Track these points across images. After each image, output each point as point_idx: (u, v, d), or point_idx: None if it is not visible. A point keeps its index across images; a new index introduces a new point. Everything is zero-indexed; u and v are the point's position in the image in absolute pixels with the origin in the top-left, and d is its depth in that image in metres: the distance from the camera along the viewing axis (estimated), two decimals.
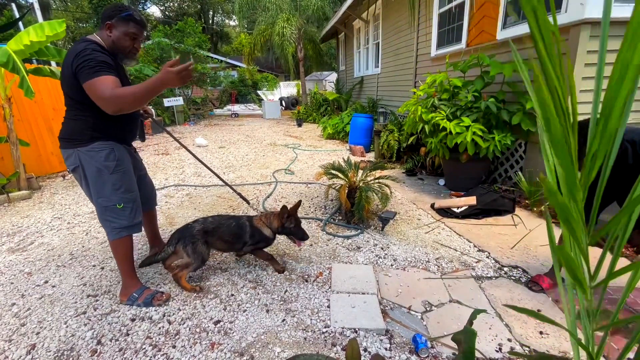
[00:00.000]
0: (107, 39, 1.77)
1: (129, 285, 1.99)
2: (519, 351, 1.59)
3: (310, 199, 3.78)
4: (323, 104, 11.10)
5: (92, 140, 1.79)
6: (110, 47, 1.77)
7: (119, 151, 1.87)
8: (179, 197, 3.92)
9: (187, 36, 11.94)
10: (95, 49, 1.66)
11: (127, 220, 1.91)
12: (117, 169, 1.85)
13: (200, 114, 13.26)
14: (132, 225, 1.95)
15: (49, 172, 5.00)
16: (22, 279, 2.27)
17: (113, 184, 1.84)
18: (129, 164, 1.96)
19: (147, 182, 2.27)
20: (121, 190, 1.87)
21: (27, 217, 3.38)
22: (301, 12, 11.81)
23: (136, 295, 1.95)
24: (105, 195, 1.85)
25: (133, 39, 1.80)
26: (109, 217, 1.88)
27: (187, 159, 5.94)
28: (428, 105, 3.81)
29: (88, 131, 1.78)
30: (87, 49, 1.65)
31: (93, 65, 1.60)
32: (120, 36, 1.76)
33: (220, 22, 32.44)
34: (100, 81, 1.60)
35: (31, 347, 1.66)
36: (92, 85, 1.60)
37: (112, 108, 1.61)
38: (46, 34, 3.45)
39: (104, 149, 1.81)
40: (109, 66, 1.66)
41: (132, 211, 1.93)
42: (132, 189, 1.94)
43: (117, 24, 1.75)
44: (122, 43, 1.78)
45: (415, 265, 2.38)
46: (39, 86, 4.58)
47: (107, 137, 1.83)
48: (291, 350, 1.61)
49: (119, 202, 1.87)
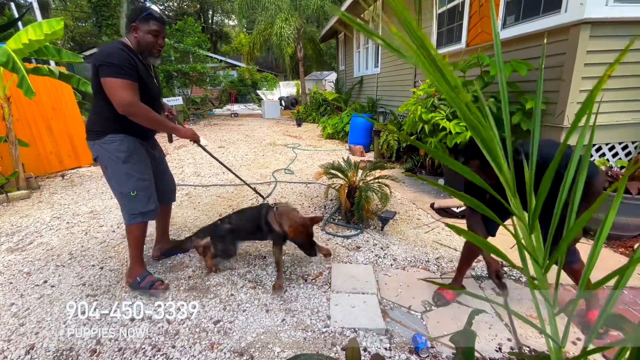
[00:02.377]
0: (133, 40, 1.91)
1: (135, 269, 2.13)
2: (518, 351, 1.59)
3: (310, 199, 3.78)
4: (323, 104, 11.09)
5: (106, 133, 1.94)
6: (137, 48, 1.91)
7: (128, 142, 1.98)
8: (178, 196, 3.89)
9: (187, 36, 11.91)
10: (120, 49, 1.81)
11: (141, 206, 2.04)
12: (128, 159, 1.97)
13: (200, 113, 13.24)
14: (146, 212, 2.07)
15: (48, 171, 4.99)
16: (21, 278, 2.27)
17: (126, 172, 1.98)
18: (142, 154, 2.06)
19: (167, 177, 2.40)
20: (134, 179, 2.00)
21: (26, 217, 3.37)
22: (301, 12, 11.78)
23: (139, 279, 2.09)
24: (120, 182, 2.00)
25: (155, 36, 1.91)
26: (124, 203, 2.04)
27: (186, 158, 5.93)
28: (428, 105, 3.80)
29: (103, 124, 1.94)
30: (113, 48, 1.81)
31: (119, 65, 1.76)
32: (144, 35, 1.89)
33: (220, 22, 32.42)
34: (126, 84, 1.78)
35: (30, 347, 1.65)
36: (115, 84, 1.76)
37: (127, 112, 1.82)
38: (44, 33, 3.45)
39: (114, 140, 1.95)
40: (130, 68, 1.81)
41: (145, 198, 2.05)
42: (145, 178, 2.05)
43: (140, 24, 1.87)
44: (147, 41, 1.90)
45: (415, 264, 2.38)
46: (38, 86, 4.56)
47: (120, 131, 1.95)
48: (291, 350, 1.61)
49: (132, 190, 2.00)
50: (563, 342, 0.60)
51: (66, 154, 5.21)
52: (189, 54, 12.36)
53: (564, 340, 0.60)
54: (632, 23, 2.69)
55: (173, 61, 11.86)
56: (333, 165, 3.23)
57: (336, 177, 3.19)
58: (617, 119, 2.97)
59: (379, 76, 7.93)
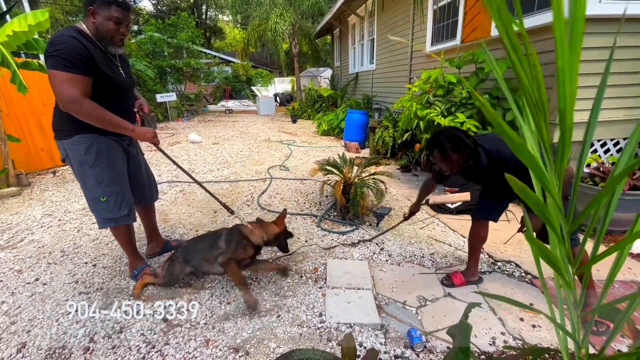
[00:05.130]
0: (91, 26, 1.70)
1: (133, 262, 2.15)
2: (512, 344, 1.61)
3: (305, 195, 3.77)
4: (318, 100, 11.06)
5: (74, 133, 1.79)
6: (94, 34, 1.71)
7: (100, 144, 1.83)
8: (172, 193, 3.88)
9: (180, 31, 11.77)
10: (72, 37, 1.61)
11: (111, 212, 1.93)
12: (96, 162, 1.83)
13: (194, 110, 13.12)
14: (118, 218, 1.95)
15: (38, 168, 4.91)
16: (12, 276, 2.23)
17: (95, 177, 1.86)
18: (114, 156, 1.91)
19: (141, 176, 2.19)
20: (104, 184, 1.87)
21: (16, 214, 3.32)
22: (296, 8, 11.69)
23: (136, 272, 2.10)
24: (89, 187, 1.89)
25: (117, 24, 1.71)
26: (95, 208, 1.94)
27: (180, 155, 5.88)
28: (423, 102, 3.81)
29: (69, 123, 1.75)
30: (64, 35, 1.60)
31: (65, 57, 1.57)
32: (103, 21, 1.68)
33: (214, 17, 32.02)
34: (69, 78, 1.58)
35: (22, 346, 1.63)
36: (57, 77, 1.58)
37: (68, 108, 1.64)
38: (29, 24, 3.35)
39: (83, 142, 1.80)
40: (81, 60, 1.61)
41: (116, 204, 1.93)
42: (115, 182, 1.92)
43: (99, 8, 1.66)
44: (106, 28, 1.69)
45: (410, 260, 2.39)
46: (28, 81, 4.46)
47: (89, 130, 1.77)
48: (287, 346, 1.61)
49: (102, 195, 1.89)
50: (584, 343, 0.60)
51: (57, 151, 5.10)
52: (183, 49, 12.22)
53: (584, 341, 0.61)
54: (626, 20, 2.71)
55: (166, 56, 11.72)
56: (328, 162, 3.22)
57: (331, 174, 3.19)
58: (609, 116, 3.01)
59: (375, 72, 7.92)
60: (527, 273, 2.20)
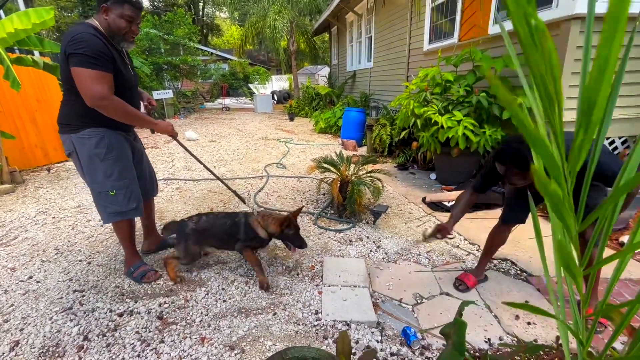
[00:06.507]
0: (103, 23, 1.74)
1: (130, 259, 2.14)
2: (507, 341, 1.62)
3: (302, 193, 3.76)
4: (315, 98, 11.02)
5: (83, 127, 1.81)
6: (107, 31, 1.75)
7: (110, 138, 1.86)
8: (168, 191, 3.86)
9: (177, 27, 11.67)
10: (93, 34, 1.65)
11: (120, 206, 1.94)
12: (107, 156, 1.86)
13: (191, 107, 13.03)
14: (126, 211, 1.97)
15: (33, 165, 4.86)
16: (5, 274, 2.21)
17: (104, 171, 1.87)
18: (124, 150, 1.96)
19: (143, 170, 2.22)
20: (113, 178, 1.89)
21: (10, 212, 3.28)
22: (293, 5, 11.64)
23: (132, 270, 2.09)
24: (97, 181, 1.88)
25: (129, 22, 1.76)
26: (102, 202, 1.93)
27: (176, 152, 5.84)
28: (420, 100, 3.81)
29: (78, 117, 1.79)
30: (85, 33, 1.63)
31: (89, 54, 1.60)
32: (116, 19, 1.72)
33: (211, 14, 31.80)
34: (97, 75, 1.63)
35: (15, 344, 1.61)
36: (85, 75, 1.62)
37: (97, 105, 1.68)
38: (32, 22, 3.31)
39: (94, 136, 1.82)
40: (105, 58, 1.66)
41: (125, 197, 1.95)
42: (125, 176, 1.95)
43: (113, 6, 1.71)
44: (119, 26, 1.74)
45: (407, 258, 2.39)
46: (22, 77, 4.41)
47: (99, 124, 1.81)
48: (282, 344, 1.60)
49: (111, 189, 1.90)
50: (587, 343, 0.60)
51: (52, 147, 5.07)
52: (180, 46, 12.13)
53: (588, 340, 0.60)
54: None
55: (163, 53, 11.62)
56: (325, 160, 3.21)
57: (328, 172, 3.18)
58: (617, 114, 3.02)
59: (372, 70, 7.91)
60: (523, 271, 2.21)
